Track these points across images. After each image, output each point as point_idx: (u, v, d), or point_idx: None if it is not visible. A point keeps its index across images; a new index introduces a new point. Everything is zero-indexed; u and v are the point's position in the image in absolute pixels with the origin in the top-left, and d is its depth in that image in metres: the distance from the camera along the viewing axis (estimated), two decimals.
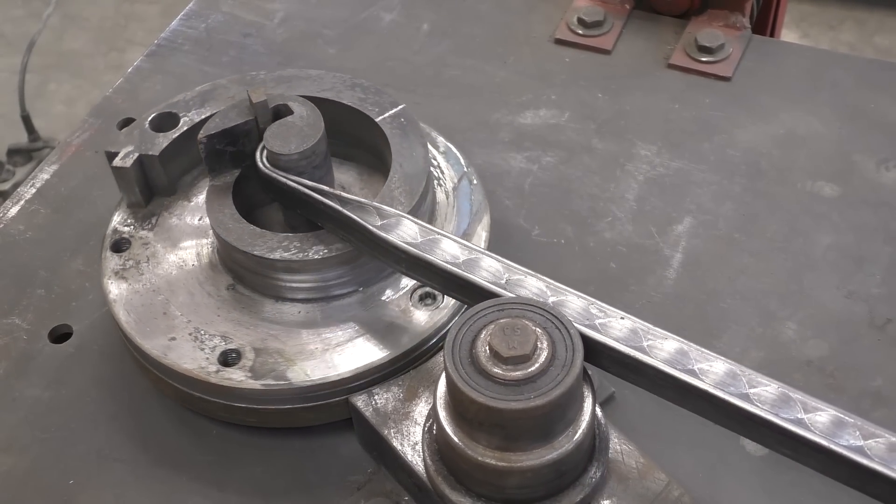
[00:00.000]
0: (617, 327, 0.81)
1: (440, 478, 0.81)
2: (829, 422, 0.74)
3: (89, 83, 3.48)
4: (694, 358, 0.79)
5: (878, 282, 1.06)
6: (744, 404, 0.75)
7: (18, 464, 0.96)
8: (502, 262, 0.86)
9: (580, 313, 0.82)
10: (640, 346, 0.80)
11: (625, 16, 1.36)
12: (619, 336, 0.80)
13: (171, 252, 1.01)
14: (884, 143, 1.20)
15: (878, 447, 0.73)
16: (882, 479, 0.72)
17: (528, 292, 0.83)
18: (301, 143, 0.94)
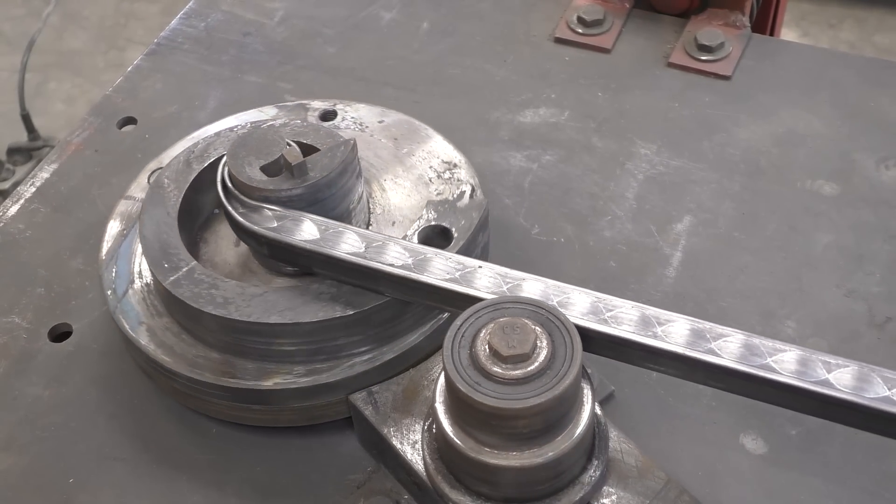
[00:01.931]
0: (627, 318, 0.81)
1: (440, 476, 0.81)
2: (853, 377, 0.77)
3: (89, 82, 3.48)
4: (710, 336, 0.79)
5: (878, 280, 1.06)
6: (769, 374, 0.77)
7: (18, 462, 0.96)
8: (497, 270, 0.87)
9: (589, 309, 0.82)
10: (653, 332, 0.80)
11: (624, 14, 1.36)
12: (633, 326, 0.81)
13: None
14: (883, 141, 1.20)
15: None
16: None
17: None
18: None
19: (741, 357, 0.78)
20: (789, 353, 0.78)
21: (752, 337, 0.79)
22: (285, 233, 0.90)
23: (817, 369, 0.77)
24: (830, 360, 0.78)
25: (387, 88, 1.29)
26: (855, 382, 0.76)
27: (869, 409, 0.76)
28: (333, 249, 0.88)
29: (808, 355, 0.78)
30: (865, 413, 0.76)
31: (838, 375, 0.77)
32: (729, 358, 0.78)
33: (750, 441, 0.94)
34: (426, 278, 0.86)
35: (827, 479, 0.91)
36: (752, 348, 0.79)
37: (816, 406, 0.78)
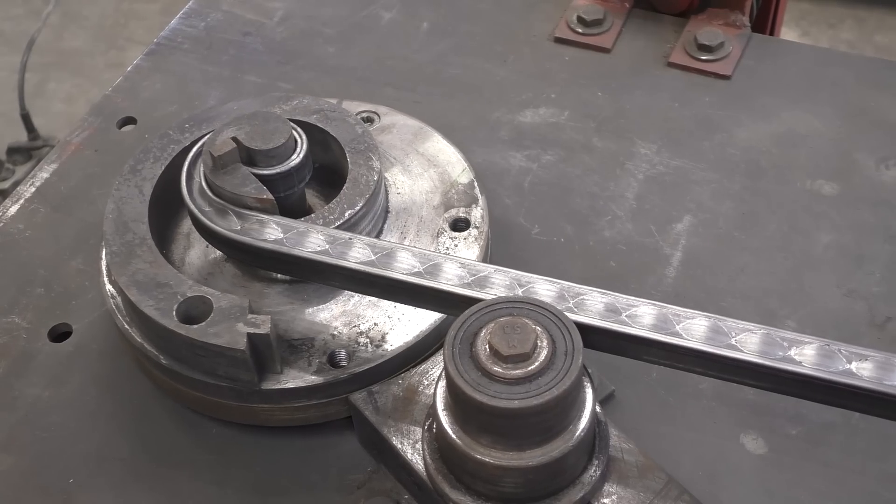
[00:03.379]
0: (644, 316, 0.82)
1: (440, 476, 0.81)
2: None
3: (89, 82, 3.48)
4: (728, 331, 0.80)
5: (878, 280, 1.06)
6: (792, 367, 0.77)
7: (18, 462, 0.96)
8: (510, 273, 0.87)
9: (606, 311, 0.83)
10: (673, 331, 0.80)
11: (624, 14, 1.36)
12: (651, 325, 0.81)
13: None
14: (884, 141, 1.20)
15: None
16: None
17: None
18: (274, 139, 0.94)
19: (762, 352, 0.78)
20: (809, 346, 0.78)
21: (770, 330, 0.80)
22: (251, 235, 0.91)
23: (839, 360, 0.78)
24: (850, 349, 0.78)
25: (387, 88, 1.29)
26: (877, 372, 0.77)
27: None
28: (342, 259, 0.88)
29: (827, 345, 0.78)
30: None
31: (859, 365, 0.77)
32: (749, 352, 0.79)
33: (750, 441, 0.94)
34: (440, 285, 0.85)
35: (827, 479, 0.91)
36: (770, 342, 0.79)
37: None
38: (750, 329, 0.80)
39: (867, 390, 0.76)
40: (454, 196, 1.04)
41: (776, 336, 0.79)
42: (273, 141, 0.94)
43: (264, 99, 1.05)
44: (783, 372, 0.78)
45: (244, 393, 0.91)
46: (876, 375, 0.76)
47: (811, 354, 0.78)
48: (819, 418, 0.94)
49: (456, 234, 1.01)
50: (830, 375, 0.77)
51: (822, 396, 0.79)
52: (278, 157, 0.94)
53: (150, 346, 0.93)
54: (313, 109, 1.02)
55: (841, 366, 0.77)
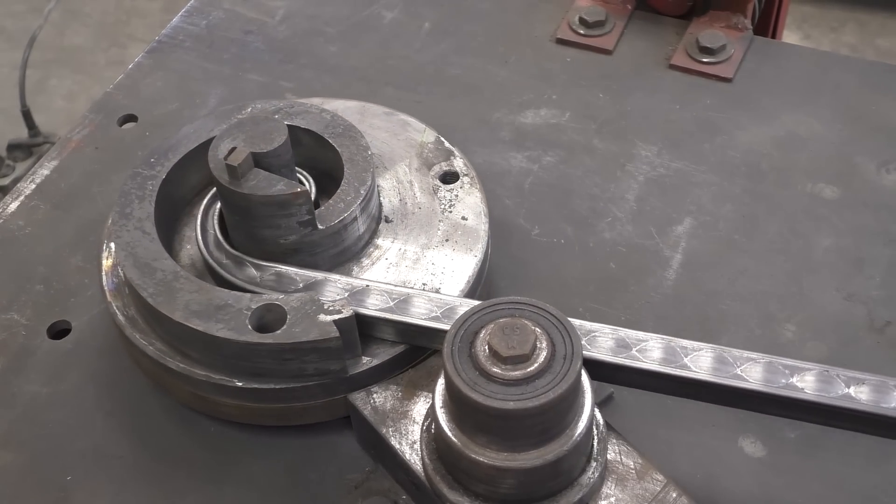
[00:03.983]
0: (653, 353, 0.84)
1: (438, 477, 0.81)
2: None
3: (90, 79, 3.47)
4: (733, 361, 0.83)
5: (878, 284, 1.06)
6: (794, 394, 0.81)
7: (16, 459, 0.96)
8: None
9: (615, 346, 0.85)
10: (681, 363, 0.83)
11: (626, 16, 1.36)
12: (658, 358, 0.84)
13: None
14: (885, 145, 1.20)
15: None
16: None
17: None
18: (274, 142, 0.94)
19: (765, 380, 0.82)
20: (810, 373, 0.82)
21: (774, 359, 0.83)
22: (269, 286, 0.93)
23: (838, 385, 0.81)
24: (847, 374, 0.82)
25: (388, 88, 1.29)
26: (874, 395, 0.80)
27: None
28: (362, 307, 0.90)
29: (827, 371, 0.82)
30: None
31: (857, 389, 0.80)
32: (754, 381, 0.82)
33: (749, 444, 0.94)
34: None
35: (825, 483, 0.91)
36: (773, 370, 0.82)
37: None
38: (753, 358, 0.83)
39: (866, 413, 0.79)
40: (429, 155, 1.06)
41: (778, 364, 0.82)
42: (275, 140, 0.93)
43: (218, 114, 1.05)
44: (786, 399, 0.81)
45: (332, 385, 0.90)
46: (873, 398, 0.79)
47: (811, 381, 0.81)
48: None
49: (450, 185, 1.04)
50: (831, 401, 0.80)
51: (824, 420, 0.82)
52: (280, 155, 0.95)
53: (220, 374, 0.91)
54: (271, 111, 1.03)
55: (840, 391, 0.80)
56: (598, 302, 1.05)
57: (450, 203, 1.02)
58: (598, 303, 1.05)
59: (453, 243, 0.99)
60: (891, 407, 0.79)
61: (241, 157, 0.91)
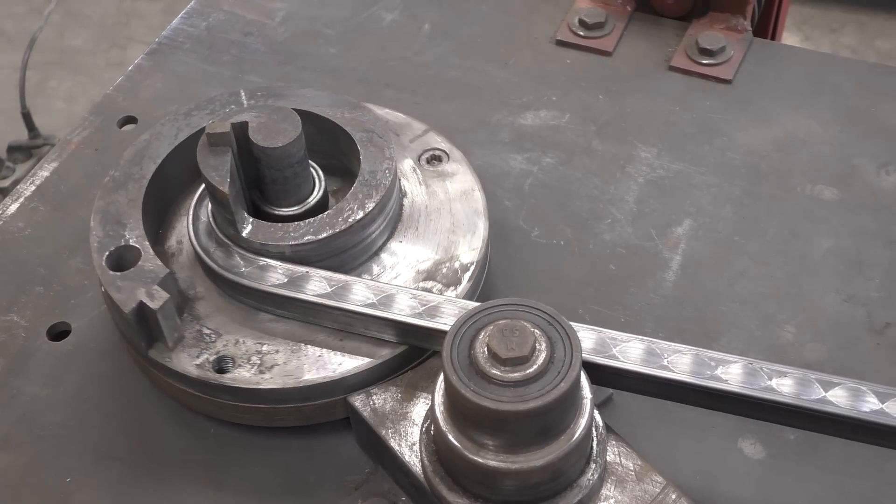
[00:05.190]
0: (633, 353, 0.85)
1: (437, 478, 0.81)
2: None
3: (90, 80, 3.47)
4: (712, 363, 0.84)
5: (878, 286, 1.06)
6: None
7: (16, 461, 0.95)
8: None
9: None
10: (661, 364, 0.84)
11: (626, 17, 1.36)
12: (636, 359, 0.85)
13: None
14: (884, 147, 1.20)
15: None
16: None
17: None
18: (286, 138, 0.94)
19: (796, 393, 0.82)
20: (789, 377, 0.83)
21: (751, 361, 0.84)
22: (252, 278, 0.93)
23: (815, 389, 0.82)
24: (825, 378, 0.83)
25: (388, 90, 1.29)
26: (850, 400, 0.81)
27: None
28: (344, 302, 0.91)
29: (807, 374, 0.83)
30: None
31: (836, 392, 0.81)
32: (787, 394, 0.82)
33: (748, 445, 0.94)
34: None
35: (825, 485, 0.91)
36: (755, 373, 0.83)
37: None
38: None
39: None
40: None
41: (752, 365, 0.84)
42: (278, 140, 0.94)
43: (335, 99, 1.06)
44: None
45: (141, 354, 0.93)
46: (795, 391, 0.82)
47: (790, 384, 0.82)
48: None
49: (438, 165, 1.07)
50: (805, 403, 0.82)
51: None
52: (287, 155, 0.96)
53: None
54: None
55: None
56: (598, 303, 1.05)
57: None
58: (597, 304, 1.05)
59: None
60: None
61: (220, 129, 0.93)
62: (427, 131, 1.10)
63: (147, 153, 1.03)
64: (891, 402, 0.80)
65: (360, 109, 1.03)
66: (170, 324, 0.91)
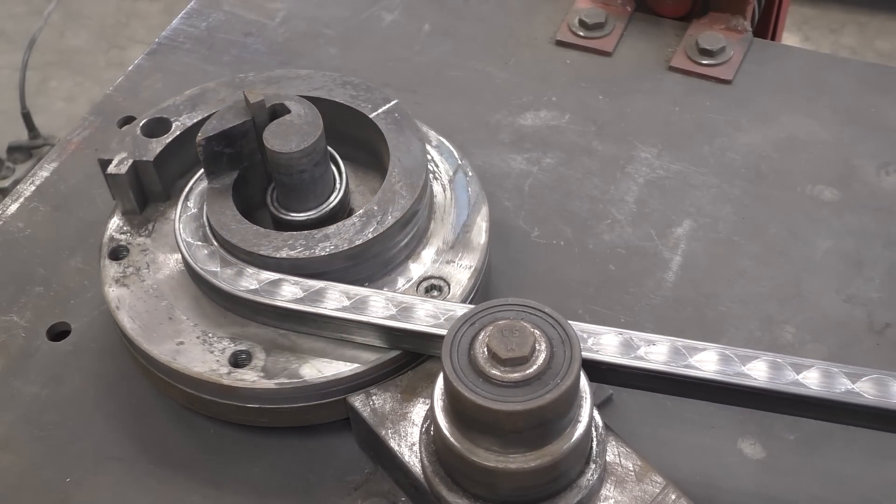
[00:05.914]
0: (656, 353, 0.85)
1: (437, 479, 0.81)
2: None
3: (90, 80, 3.47)
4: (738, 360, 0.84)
5: (878, 286, 1.06)
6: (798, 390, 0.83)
7: (16, 461, 0.96)
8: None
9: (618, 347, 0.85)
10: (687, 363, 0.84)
11: (626, 18, 1.36)
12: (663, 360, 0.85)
13: (171, 257, 1.00)
14: (884, 147, 1.20)
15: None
16: None
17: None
18: (301, 141, 0.94)
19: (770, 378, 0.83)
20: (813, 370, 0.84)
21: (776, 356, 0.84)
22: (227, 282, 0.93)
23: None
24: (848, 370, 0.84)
25: (388, 90, 1.28)
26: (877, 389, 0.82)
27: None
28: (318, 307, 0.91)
29: (830, 367, 0.84)
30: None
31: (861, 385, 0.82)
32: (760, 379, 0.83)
33: (748, 446, 0.94)
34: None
35: (825, 485, 0.91)
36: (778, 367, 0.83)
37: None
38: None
39: (868, 408, 0.81)
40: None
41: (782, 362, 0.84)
42: (287, 145, 0.94)
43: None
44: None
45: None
46: (876, 393, 0.82)
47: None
48: (817, 424, 0.94)
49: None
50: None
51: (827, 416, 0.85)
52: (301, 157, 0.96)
53: None
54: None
55: (843, 387, 0.82)
56: (598, 304, 1.05)
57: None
58: (597, 305, 1.05)
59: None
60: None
61: (254, 99, 0.95)
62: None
63: (202, 101, 1.07)
64: (861, 381, 0.81)
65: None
66: (121, 192, 1.01)
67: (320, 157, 0.96)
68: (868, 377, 0.82)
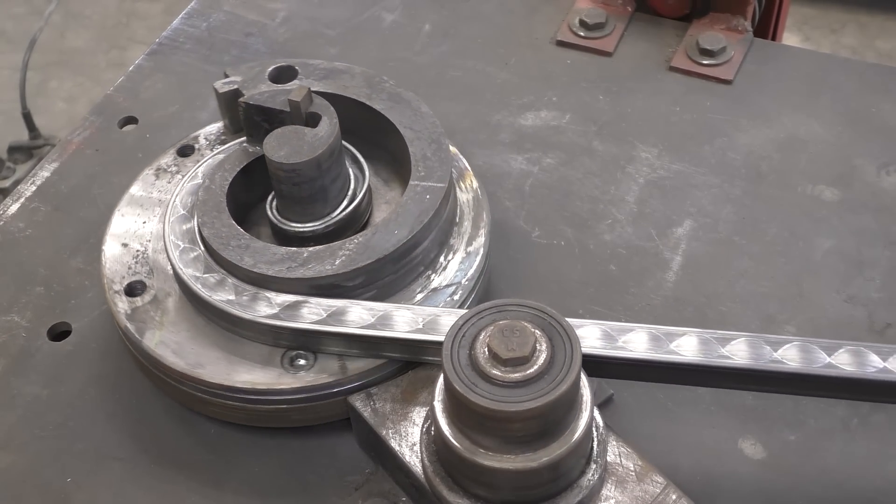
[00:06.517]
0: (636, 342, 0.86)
1: (438, 479, 0.81)
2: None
3: (91, 81, 3.47)
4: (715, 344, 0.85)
5: (878, 286, 1.06)
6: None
7: (17, 461, 0.96)
8: None
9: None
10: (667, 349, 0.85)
11: (626, 18, 1.36)
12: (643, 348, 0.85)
13: None
14: (884, 147, 1.20)
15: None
16: None
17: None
18: (293, 156, 0.94)
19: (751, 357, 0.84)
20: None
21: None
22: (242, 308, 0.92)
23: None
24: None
25: None
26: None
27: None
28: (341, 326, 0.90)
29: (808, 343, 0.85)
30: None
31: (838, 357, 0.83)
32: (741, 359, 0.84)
33: (749, 446, 0.94)
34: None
35: (825, 486, 0.91)
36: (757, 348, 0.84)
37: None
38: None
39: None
40: None
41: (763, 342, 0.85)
42: (276, 153, 0.95)
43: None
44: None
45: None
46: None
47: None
48: (817, 424, 0.94)
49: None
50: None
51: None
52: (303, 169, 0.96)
53: None
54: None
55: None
56: (598, 304, 1.05)
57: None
58: (598, 305, 1.05)
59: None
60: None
61: (299, 95, 0.97)
62: None
63: (335, 76, 1.09)
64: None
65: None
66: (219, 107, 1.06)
67: (315, 174, 0.95)
68: (844, 349, 0.83)
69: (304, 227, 0.99)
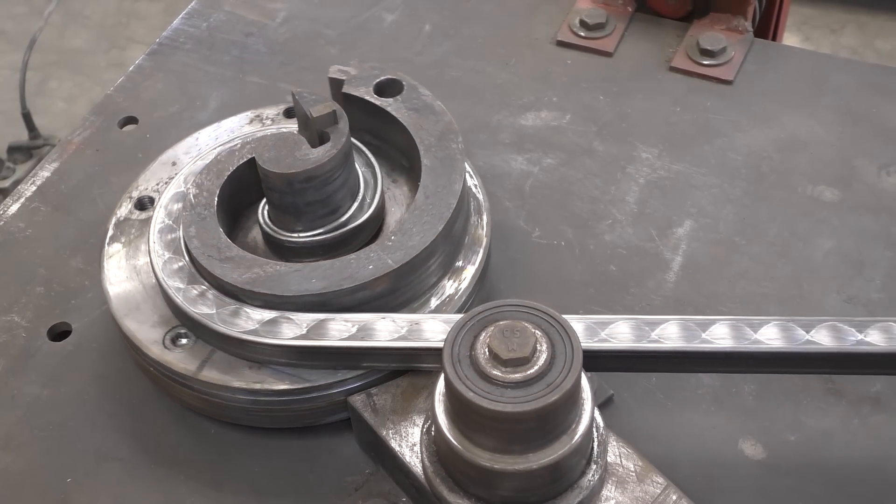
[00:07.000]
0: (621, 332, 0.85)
1: (438, 479, 0.81)
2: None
3: (90, 81, 3.48)
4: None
5: (878, 287, 1.06)
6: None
7: (16, 461, 0.96)
8: None
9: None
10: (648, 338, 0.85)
11: (627, 18, 1.36)
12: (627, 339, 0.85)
13: None
14: (885, 147, 1.20)
15: None
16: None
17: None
18: (278, 165, 0.93)
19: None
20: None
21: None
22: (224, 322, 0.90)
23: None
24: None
25: None
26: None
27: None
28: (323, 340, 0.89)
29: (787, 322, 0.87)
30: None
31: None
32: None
33: (749, 446, 0.94)
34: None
35: (825, 486, 0.91)
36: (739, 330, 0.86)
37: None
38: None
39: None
40: None
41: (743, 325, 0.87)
42: (261, 156, 0.94)
43: None
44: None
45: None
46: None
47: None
48: (818, 424, 0.94)
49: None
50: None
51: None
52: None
53: None
54: None
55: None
56: (599, 304, 1.05)
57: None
58: (598, 305, 1.05)
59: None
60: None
61: (324, 112, 0.94)
62: None
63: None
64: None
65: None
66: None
67: (285, 189, 0.94)
68: (823, 324, 0.85)
69: (290, 237, 0.98)
